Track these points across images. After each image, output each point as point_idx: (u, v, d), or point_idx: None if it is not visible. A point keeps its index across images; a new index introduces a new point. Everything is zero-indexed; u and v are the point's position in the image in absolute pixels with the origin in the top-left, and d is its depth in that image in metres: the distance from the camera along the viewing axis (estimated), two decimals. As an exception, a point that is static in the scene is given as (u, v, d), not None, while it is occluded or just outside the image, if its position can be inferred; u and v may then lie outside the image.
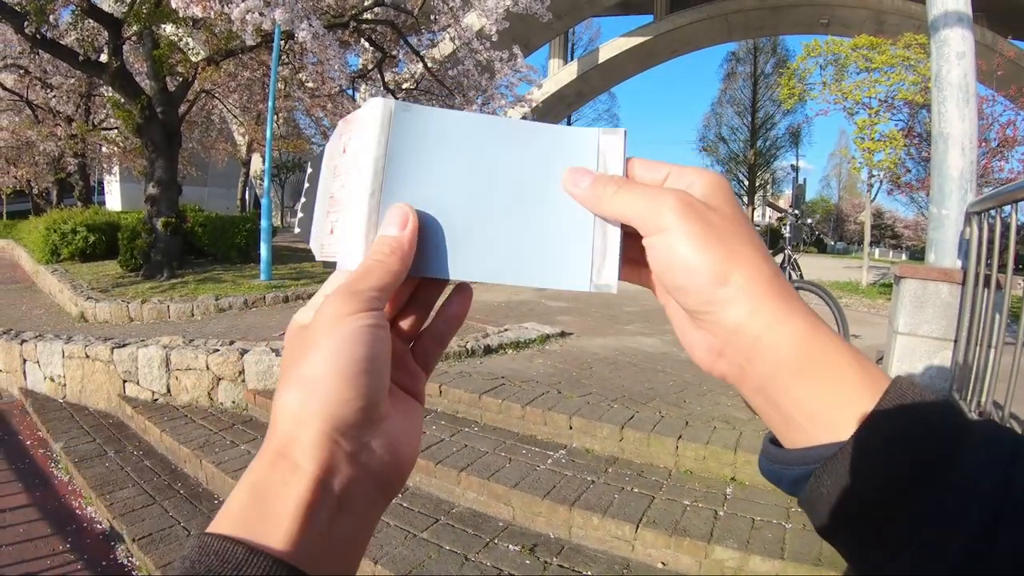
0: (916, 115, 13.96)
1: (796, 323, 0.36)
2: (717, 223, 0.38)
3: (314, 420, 0.37)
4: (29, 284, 12.73)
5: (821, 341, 0.36)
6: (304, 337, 0.39)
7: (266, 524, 0.34)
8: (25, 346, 6.14)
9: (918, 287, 3.98)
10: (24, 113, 17.19)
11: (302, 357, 0.38)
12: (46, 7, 8.72)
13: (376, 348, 0.39)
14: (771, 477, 0.39)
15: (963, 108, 4.17)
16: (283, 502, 0.35)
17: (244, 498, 0.36)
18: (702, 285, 0.37)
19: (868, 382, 0.34)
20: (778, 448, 0.38)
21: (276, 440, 0.37)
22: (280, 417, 0.38)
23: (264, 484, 0.36)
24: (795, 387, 0.35)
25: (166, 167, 10.26)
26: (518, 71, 11.84)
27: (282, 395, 0.38)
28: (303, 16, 8.22)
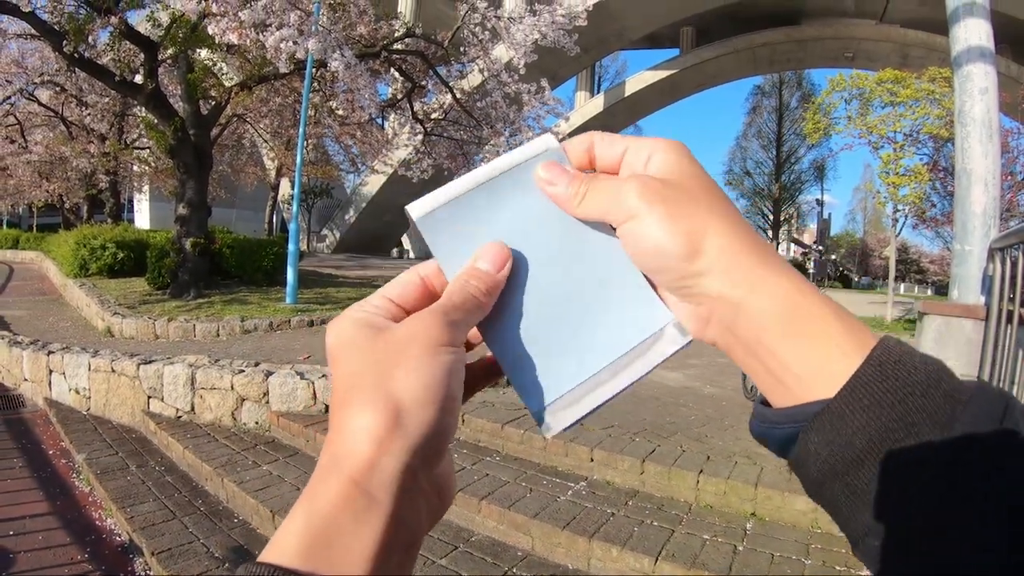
0: (941, 149, 13.88)
1: (777, 284, 0.36)
2: (680, 199, 0.38)
3: (402, 452, 0.35)
4: (57, 297, 12.95)
5: (804, 300, 0.35)
6: (384, 348, 0.37)
7: (333, 561, 0.32)
8: (52, 357, 6.25)
9: (941, 323, 3.95)
10: (58, 129, 17.60)
11: (387, 374, 0.36)
12: (85, 27, 8.96)
13: (460, 385, 0.38)
14: (760, 438, 0.38)
15: (986, 144, 4.16)
16: (356, 541, 0.33)
17: (305, 529, 0.33)
18: (675, 263, 0.37)
19: (854, 340, 0.34)
20: (767, 408, 0.38)
21: (348, 464, 0.34)
22: (354, 437, 0.35)
23: (332, 516, 0.33)
24: (781, 349, 0.35)
25: (196, 188, 10.44)
26: (545, 103, 11.92)
27: (359, 412, 0.35)
28: (335, 46, 8.41)
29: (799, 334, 0.35)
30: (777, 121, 48.76)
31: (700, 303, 0.38)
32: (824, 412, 0.33)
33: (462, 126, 12.51)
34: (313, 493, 0.34)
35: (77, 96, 16.23)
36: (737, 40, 32.44)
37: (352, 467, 0.34)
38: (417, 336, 0.37)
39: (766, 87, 49.25)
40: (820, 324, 0.35)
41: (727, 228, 0.37)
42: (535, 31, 10.16)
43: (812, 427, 0.33)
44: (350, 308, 0.41)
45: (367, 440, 0.34)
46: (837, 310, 0.35)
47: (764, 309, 0.35)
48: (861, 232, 61.58)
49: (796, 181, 48.88)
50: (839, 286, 36.95)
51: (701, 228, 0.37)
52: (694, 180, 0.39)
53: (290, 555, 0.32)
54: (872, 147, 14.49)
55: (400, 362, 0.36)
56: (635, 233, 0.38)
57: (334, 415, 0.37)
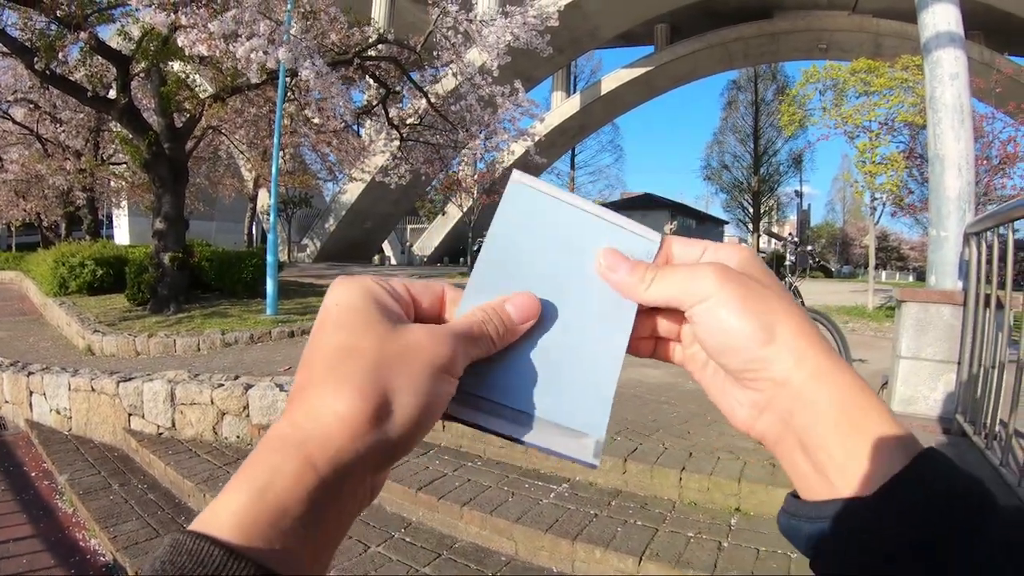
0: (917, 136, 13.97)
1: (839, 377, 0.37)
2: (755, 288, 0.39)
3: (371, 451, 0.34)
4: (37, 316, 12.81)
5: (862, 398, 0.36)
6: (393, 344, 0.36)
7: (272, 544, 0.30)
8: (32, 378, 6.19)
9: (919, 310, 3.98)
10: (34, 147, 17.43)
11: (386, 370, 0.35)
12: (56, 44, 8.88)
13: (443, 411, 0.38)
14: (787, 531, 0.39)
15: (958, 129, 4.20)
16: (302, 528, 0.31)
17: (249, 503, 0.31)
18: (747, 344, 0.38)
19: (901, 446, 0.34)
20: (799, 501, 0.38)
21: (314, 447, 0.33)
22: (327, 420, 0.34)
23: (284, 498, 0.31)
24: (831, 441, 0.36)
25: (173, 202, 10.37)
26: (520, 105, 11.96)
27: (342, 394, 0.34)
28: (306, 55, 8.37)
29: (852, 430, 0.35)
30: (753, 114, 49.14)
31: (761, 389, 0.39)
32: (859, 509, 0.33)
33: (438, 130, 12.52)
34: (267, 465, 0.32)
35: (51, 113, 16.08)
36: (710, 36, 32.62)
37: (317, 451, 0.33)
38: (427, 350, 0.37)
39: (741, 81, 49.63)
40: (874, 424, 0.35)
41: (797, 320, 0.39)
42: (507, 33, 10.18)
43: (844, 523, 0.34)
44: (365, 276, 0.40)
45: (340, 427, 0.33)
46: (891, 415, 0.36)
47: (825, 399, 0.36)
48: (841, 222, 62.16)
49: (774, 173, 49.30)
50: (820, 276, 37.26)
51: (774, 315, 0.38)
52: (767, 277, 0.41)
53: (228, 527, 0.30)
54: (848, 137, 14.60)
55: (402, 368, 0.36)
56: (711, 314, 0.39)
57: (308, 385, 0.35)
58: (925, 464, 0.33)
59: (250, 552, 0.29)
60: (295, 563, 0.31)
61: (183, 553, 0.29)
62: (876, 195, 14.97)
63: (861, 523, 0.33)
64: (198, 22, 7.81)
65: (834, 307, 13.78)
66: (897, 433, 0.35)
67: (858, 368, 5.59)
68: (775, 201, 51.29)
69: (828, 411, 0.36)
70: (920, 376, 3.97)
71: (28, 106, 15.60)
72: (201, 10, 7.90)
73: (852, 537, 0.33)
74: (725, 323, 0.38)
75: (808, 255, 5.44)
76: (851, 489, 0.34)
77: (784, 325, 0.38)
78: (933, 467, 0.33)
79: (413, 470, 3.99)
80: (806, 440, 0.37)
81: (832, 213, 64.77)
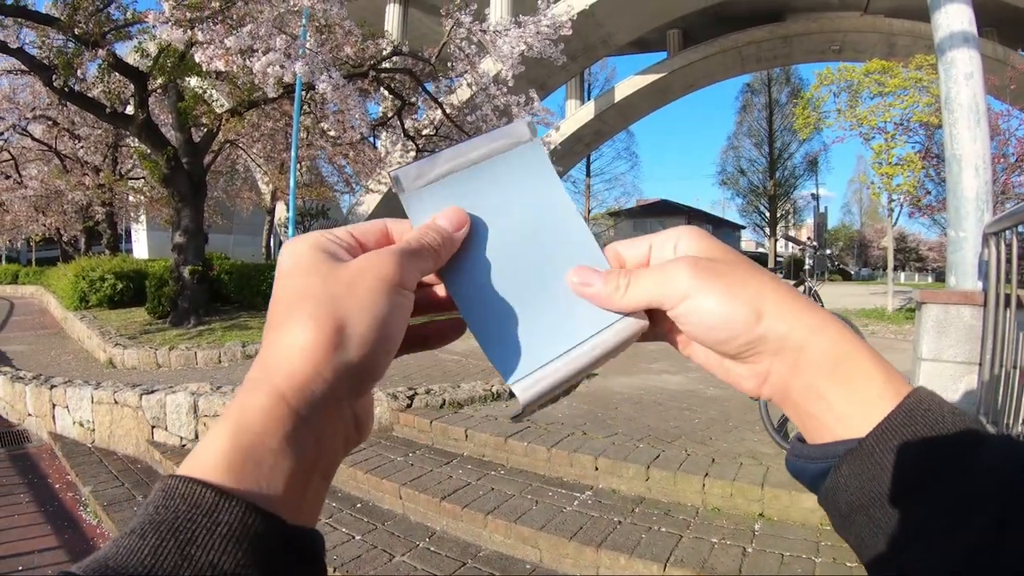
0: (932, 136, 13.85)
1: (830, 332, 0.38)
2: (727, 271, 0.40)
3: (335, 375, 0.35)
4: (58, 330, 12.99)
5: (851, 347, 0.38)
6: (337, 277, 0.38)
7: (259, 480, 0.32)
8: (55, 391, 6.27)
9: (940, 312, 3.94)
10: (53, 163, 17.62)
11: (335, 297, 0.37)
12: (73, 61, 9.01)
13: (403, 328, 0.39)
14: (795, 472, 0.41)
15: (974, 129, 4.16)
16: (283, 459, 0.33)
17: (231, 445, 0.32)
18: (742, 330, 0.39)
19: (892, 388, 0.36)
20: (803, 443, 0.40)
21: (280, 380, 0.34)
22: (288, 352, 0.35)
23: (260, 433, 0.33)
24: (829, 390, 0.38)
25: (192, 216, 10.48)
26: (535, 114, 11.98)
27: (298, 327, 0.36)
28: (323, 68, 8.44)
29: (847, 379, 0.37)
30: (768, 118, 48.88)
31: (760, 361, 0.40)
32: (856, 448, 0.35)
33: (453, 141, 12.45)
34: (241, 406, 0.34)
35: (70, 129, 16.27)
36: (723, 40, 32.48)
37: (284, 383, 0.34)
38: (371, 269, 0.39)
39: (755, 85, 49.39)
40: (865, 370, 0.37)
41: (775, 284, 0.40)
42: (521, 42, 10.20)
43: (844, 461, 0.36)
44: (315, 232, 0.42)
45: (302, 357, 0.35)
46: (878, 358, 0.38)
47: (818, 355, 0.38)
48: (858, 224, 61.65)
49: (790, 177, 49.00)
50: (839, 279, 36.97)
51: (757, 291, 0.39)
52: (725, 252, 0.42)
53: (213, 469, 0.31)
54: (863, 138, 14.49)
55: (351, 292, 0.37)
56: (697, 311, 0.40)
57: (270, 330, 0.37)
58: (914, 403, 0.35)
59: (238, 491, 0.31)
60: (284, 496, 0.32)
61: (175, 497, 0.30)
62: (893, 196, 14.86)
63: (859, 461, 0.35)
64: (215, 38, 7.90)
65: (853, 310, 13.68)
66: (887, 377, 0.37)
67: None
68: (791, 205, 50.96)
69: (825, 365, 0.38)
70: (941, 378, 3.93)
71: (47, 123, 15.78)
72: (217, 26, 8.00)
73: (852, 474, 0.35)
74: (712, 317, 0.39)
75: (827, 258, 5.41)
76: (851, 433, 0.36)
77: (766, 298, 0.39)
78: (921, 405, 0.35)
79: (436, 480, 4.00)
80: (808, 394, 0.39)
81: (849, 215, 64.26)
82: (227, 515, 0.30)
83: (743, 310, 0.39)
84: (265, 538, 0.30)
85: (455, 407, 5.16)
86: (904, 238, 48.91)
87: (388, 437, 4.91)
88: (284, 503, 0.32)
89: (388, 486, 3.98)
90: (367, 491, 4.14)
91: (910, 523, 0.33)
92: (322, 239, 0.41)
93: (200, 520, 0.29)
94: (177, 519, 0.29)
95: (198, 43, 8.12)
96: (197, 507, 0.29)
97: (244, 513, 0.30)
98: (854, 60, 16.95)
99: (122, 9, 9.37)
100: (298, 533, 0.32)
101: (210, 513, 0.29)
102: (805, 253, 5.23)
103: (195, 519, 0.29)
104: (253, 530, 0.30)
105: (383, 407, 5.05)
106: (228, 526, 0.29)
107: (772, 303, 0.39)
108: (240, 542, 0.29)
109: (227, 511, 0.30)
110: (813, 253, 5.15)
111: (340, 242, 0.42)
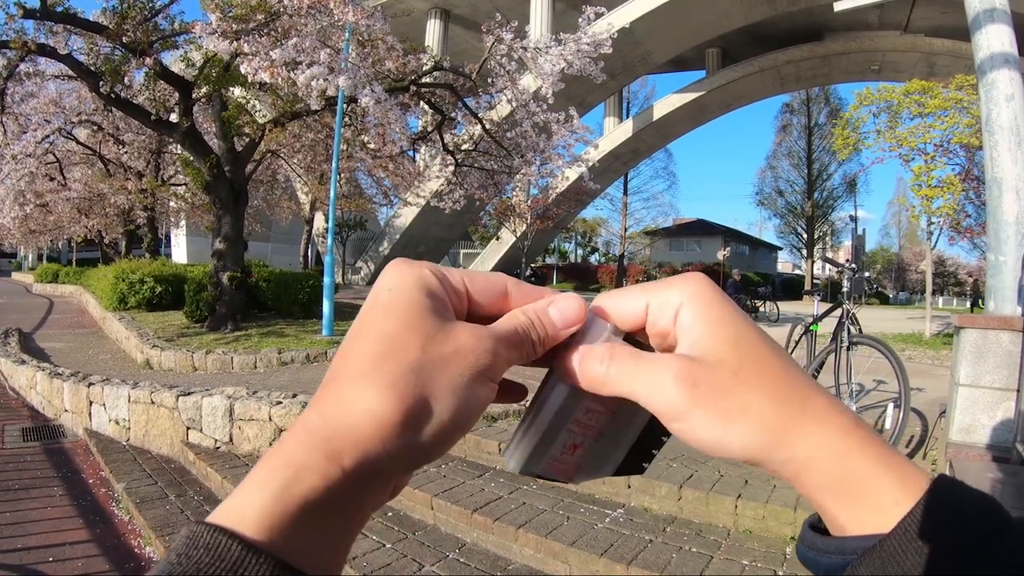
0: (973, 158, 13.60)
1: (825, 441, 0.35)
2: (726, 388, 0.36)
3: (400, 453, 0.33)
4: (96, 330, 13.28)
5: (854, 460, 0.35)
6: (436, 343, 0.36)
7: (293, 546, 0.30)
8: (92, 389, 6.42)
9: (978, 337, 3.88)
10: (96, 167, 18.01)
11: (427, 370, 0.35)
12: (121, 68, 9.24)
13: (477, 420, 0.37)
14: (806, 563, 0.38)
15: (1015, 151, 4.11)
16: (325, 529, 0.32)
17: (269, 499, 0.30)
18: (737, 455, 0.36)
19: (907, 491, 0.33)
20: (816, 535, 0.37)
21: (342, 445, 0.32)
22: (358, 415, 0.33)
23: (304, 492, 0.31)
24: (833, 507, 0.35)
25: (233, 223, 10.66)
26: (574, 132, 12.00)
27: (376, 389, 0.33)
28: (365, 82, 8.56)
29: (854, 495, 0.34)
30: (807, 138, 48.47)
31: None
32: (876, 549, 0.32)
33: (492, 156, 12.58)
34: (291, 459, 0.32)
35: (114, 135, 16.67)
36: (762, 59, 32.32)
37: (346, 448, 0.32)
38: (472, 354, 0.36)
39: (794, 105, 49.05)
40: (874, 485, 0.34)
41: (776, 398, 0.35)
42: (561, 60, 10.23)
43: (862, 563, 0.33)
44: (427, 265, 0.39)
45: (373, 426, 0.33)
46: (888, 460, 0.35)
47: (825, 471, 0.35)
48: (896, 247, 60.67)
49: (828, 198, 48.48)
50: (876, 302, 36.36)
51: (758, 418, 0.35)
52: (735, 342, 0.37)
53: (249, 522, 0.30)
54: (903, 160, 14.28)
55: (444, 370, 0.35)
56: (689, 432, 0.36)
57: (343, 376, 0.35)
58: (933, 500, 0.32)
59: (270, 547, 0.29)
60: (314, 559, 0.31)
61: (199, 547, 0.29)
62: (933, 219, 14.61)
63: (879, 563, 0.32)
64: (260, 50, 8.07)
65: (891, 334, 13.45)
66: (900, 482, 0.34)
67: (915, 397, 5.41)
68: (829, 226, 50.36)
69: (827, 488, 0.35)
70: (979, 404, 3.86)
71: (92, 127, 16.13)
72: (263, 39, 8.17)
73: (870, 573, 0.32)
74: (705, 442, 0.36)
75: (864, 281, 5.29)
76: (865, 530, 0.34)
77: (766, 425, 0.35)
78: (941, 501, 0.32)
79: (468, 492, 4.02)
80: (813, 501, 0.36)
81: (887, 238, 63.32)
82: (252, 571, 0.28)
83: (741, 440, 0.35)
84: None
85: (489, 420, 5.19)
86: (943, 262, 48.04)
87: (419, 447, 4.93)
88: (315, 561, 0.31)
89: (420, 496, 4.01)
90: (399, 500, 4.16)
91: None
92: (433, 280, 0.38)
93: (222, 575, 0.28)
94: (199, 572, 0.28)
95: (243, 55, 8.30)
96: (222, 560, 0.28)
97: (272, 571, 0.28)
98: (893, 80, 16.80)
99: (169, 19, 9.61)
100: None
101: (234, 568, 0.28)
102: (843, 275, 5.17)
103: (217, 574, 0.28)
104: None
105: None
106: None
107: (772, 430, 0.35)
108: None
109: (253, 567, 0.28)
110: (851, 275, 5.08)
111: (451, 291, 0.39)
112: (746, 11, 28.34)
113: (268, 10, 8.13)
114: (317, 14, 8.41)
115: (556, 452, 0.42)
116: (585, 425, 0.42)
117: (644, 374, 0.37)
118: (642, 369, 0.37)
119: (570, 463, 0.43)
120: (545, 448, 0.42)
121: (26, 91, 12.46)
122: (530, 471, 0.43)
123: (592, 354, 0.39)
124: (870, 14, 28.72)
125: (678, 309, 0.38)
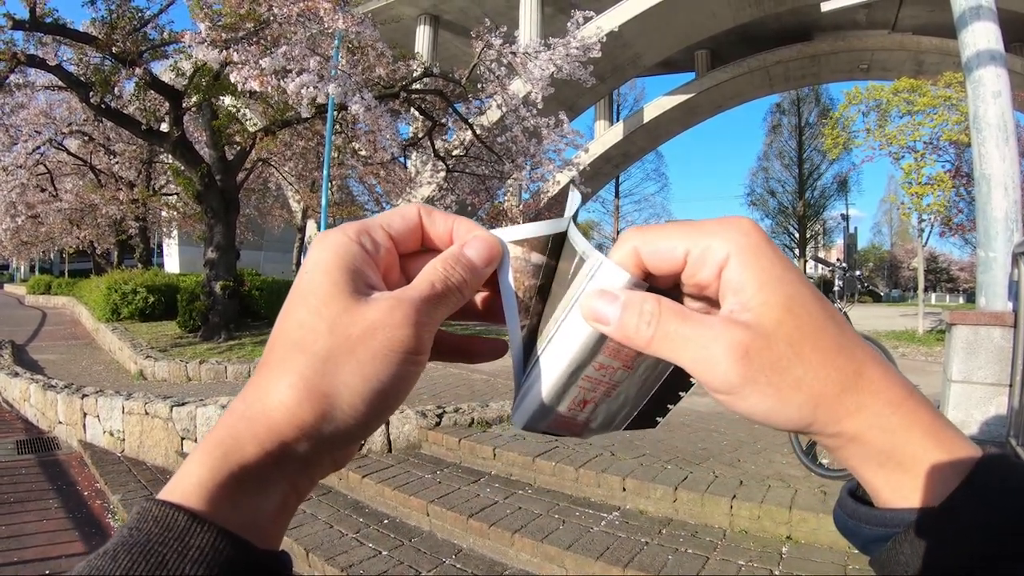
0: (962, 155, 13.67)
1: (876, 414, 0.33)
2: (782, 363, 0.33)
3: (323, 444, 0.35)
4: (89, 341, 13.20)
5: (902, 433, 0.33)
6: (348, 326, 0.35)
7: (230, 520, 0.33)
8: (86, 400, 6.38)
9: (969, 333, 3.91)
10: (88, 177, 17.99)
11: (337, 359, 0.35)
12: (110, 79, 9.27)
13: (406, 394, 0.37)
14: (845, 531, 0.37)
15: (1003, 147, 4.14)
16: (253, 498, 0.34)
17: (206, 474, 0.33)
18: (788, 427, 0.35)
19: (954, 468, 0.33)
20: (858, 504, 0.36)
21: (262, 428, 0.34)
22: (275, 407, 0.34)
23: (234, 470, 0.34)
24: (877, 479, 0.35)
25: (224, 232, 10.66)
26: (564, 136, 12.05)
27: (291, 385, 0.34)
28: (355, 90, 8.59)
29: (901, 467, 0.34)
30: (797, 138, 48.60)
31: None
32: (919, 526, 0.32)
33: (483, 161, 12.64)
34: (222, 440, 0.34)
35: (105, 145, 16.66)
36: (751, 60, 32.47)
37: (265, 434, 0.34)
38: (383, 330, 0.35)
39: (784, 105, 49.17)
40: (919, 460, 0.33)
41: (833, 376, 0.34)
42: (551, 64, 10.29)
43: (905, 539, 0.32)
44: (351, 229, 0.39)
45: (286, 417, 0.34)
46: (938, 434, 0.34)
47: (873, 443, 0.34)
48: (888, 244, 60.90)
49: (820, 197, 48.55)
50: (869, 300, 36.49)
51: (815, 393, 0.33)
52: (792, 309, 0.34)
53: (190, 496, 0.32)
54: (893, 158, 14.35)
55: (352, 355, 0.35)
56: (742, 404, 0.34)
57: (264, 365, 0.36)
58: (982, 474, 0.32)
59: (212, 517, 0.32)
60: (253, 529, 0.34)
61: (149, 519, 0.31)
62: (923, 216, 14.69)
63: (924, 538, 0.32)
64: (250, 59, 8.07)
65: (884, 332, 13.51)
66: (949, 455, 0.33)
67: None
68: (821, 225, 50.48)
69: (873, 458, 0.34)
70: (972, 400, 3.89)
71: (82, 138, 16.14)
72: (252, 47, 8.17)
73: (915, 554, 0.32)
74: (757, 415, 0.35)
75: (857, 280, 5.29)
76: (909, 502, 0.34)
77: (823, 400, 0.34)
78: (990, 477, 0.32)
79: (464, 497, 4.02)
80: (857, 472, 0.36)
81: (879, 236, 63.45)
82: (198, 539, 0.31)
83: (791, 415, 0.34)
84: (234, 562, 0.31)
85: (483, 426, 5.18)
86: (935, 259, 48.26)
87: (416, 455, 4.94)
88: (254, 530, 0.34)
89: (416, 503, 4.01)
90: (394, 508, 4.17)
91: None
92: (353, 248, 0.38)
93: (172, 543, 0.30)
94: (149, 541, 0.30)
95: (233, 63, 8.30)
96: (170, 530, 0.31)
97: (215, 538, 0.31)
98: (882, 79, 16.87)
99: (159, 29, 9.63)
100: (267, 557, 0.34)
101: (182, 537, 0.31)
102: (834, 274, 5.18)
103: (167, 542, 0.30)
104: (223, 555, 0.31)
105: (412, 425, 5.09)
106: (199, 550, 0.31)
107: (824, 406, 0.33)
108: (210, 566, 0.30)
109: (199, 535, 0.31)
110: (843, 274, 5.10)
111: (373, 254, 0.39)
112: (734, 13, 28.48)
113: (257, 18, 8.14)
114: (307, 22, 8.43)
115: (564, 408, 0.41)
116: (597, 381, 0.40)
117: (693, 341, 0.34)
118: (692, 334, 0.34)
119: (579, 419, 0.42)
120: (552, 404, 0.40)
121: (16, 102, 12.47)
122: (534, 427, 0.42)
123: (635, 307, 0.36)
124: (858, 13, 28.95)
125: (723, 263, 0.35)
